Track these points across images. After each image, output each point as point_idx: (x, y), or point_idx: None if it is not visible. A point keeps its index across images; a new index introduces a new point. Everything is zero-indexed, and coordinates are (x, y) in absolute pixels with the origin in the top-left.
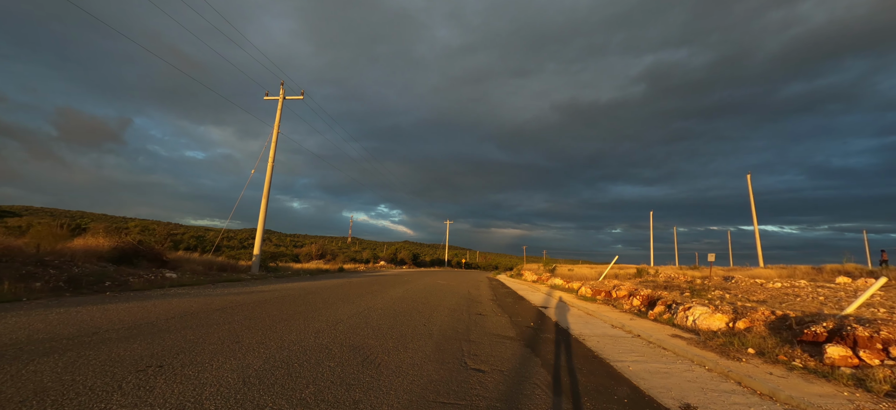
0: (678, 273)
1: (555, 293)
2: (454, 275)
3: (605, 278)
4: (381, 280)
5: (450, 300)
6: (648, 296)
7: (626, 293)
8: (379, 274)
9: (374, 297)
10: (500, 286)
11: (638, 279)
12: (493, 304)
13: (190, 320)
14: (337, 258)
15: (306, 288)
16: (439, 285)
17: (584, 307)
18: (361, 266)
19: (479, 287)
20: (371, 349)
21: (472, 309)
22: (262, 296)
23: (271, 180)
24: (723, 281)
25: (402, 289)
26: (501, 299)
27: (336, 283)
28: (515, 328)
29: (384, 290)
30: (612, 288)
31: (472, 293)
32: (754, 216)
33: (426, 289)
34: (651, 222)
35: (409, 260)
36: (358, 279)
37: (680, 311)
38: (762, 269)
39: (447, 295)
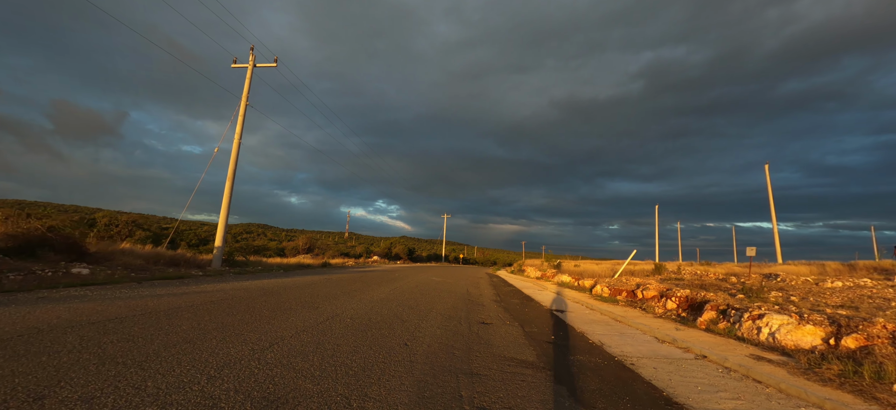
0: (703, 269)
1: (565, 293)
2: (451, 271)
3: (621, 275)
4: (367, 277)
5: (445, 301)
6: (688, 298)
7: (655, 294)
8: (367, 270)
9: (349, 299)
10: (502, 284)
11: (657, 276)
12: (497, 307)
13: None
14: (326, 252)
15: (265, 288)
16: (433, 282)
17: (606, 310)
18: (351, 261)
19: (480, 285)
20: (296, 404)
21: (473, 315)
22: (192, 300)
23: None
24: (766, 279)
25: (388, 288)
26: (506, 299)
27: (309, 281)
28: (533, 345)
29: (366, 289)
30: (635, 287)
31: (471, 293)
32: (772, 209)
33: (417, 288)
34: (656, 217)
35: (404, 255)
36: (340, 276)
37: (745, 320)
38: (791, 266)
39: (442, 296)
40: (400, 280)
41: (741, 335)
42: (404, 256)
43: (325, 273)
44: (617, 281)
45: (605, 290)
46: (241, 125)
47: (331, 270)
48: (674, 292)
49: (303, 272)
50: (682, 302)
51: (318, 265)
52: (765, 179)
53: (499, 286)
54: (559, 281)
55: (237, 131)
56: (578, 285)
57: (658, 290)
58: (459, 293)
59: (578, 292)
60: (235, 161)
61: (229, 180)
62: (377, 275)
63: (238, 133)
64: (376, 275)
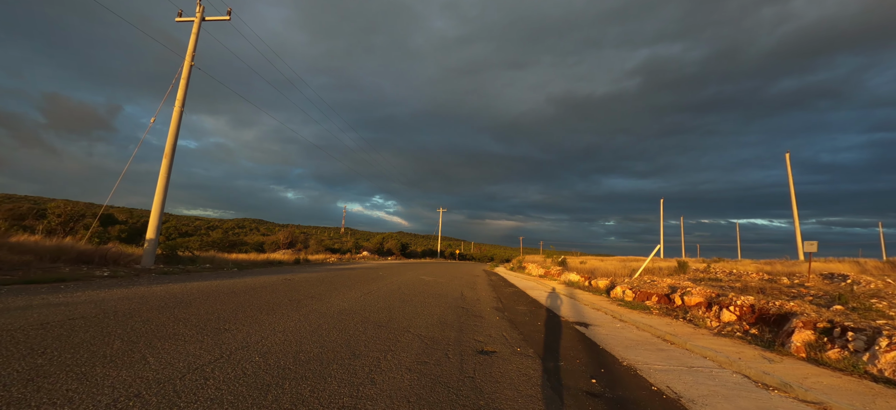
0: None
1: (579, 296)
2: (446, 268)
3: (642, 273)
4: (342, 277)
5: (430, 312)
6: (754, 307)
7: (701, 300)
8: (349, 267)
9: (292, 312)
10: (502, 284)
11: (684, 275)
12: (499, 320)
13: None
14: (309, 247)
15: (186, 296)
16: (422, 283)
17: (643, 323)
18: (333, 257)
19: (477, 286)
20: None
21: (467, 335)
22: (46, 316)
23: (178, 132)
24: (827, 281)
25: (359, 292)
26: (509, 305)
27: (259, 283)
28: (567, 399)
29: (327, 295)
30: (669, 291)
31: (466, 297)
32: (794, 202)
33: (399, 291)
34: (661, 213)
35: (397, 251)
36: (306, 276)
37: (884, 347)
38: (821, 263)
39: (428, 303)
40: (381, 280)
41: (879, 372)
42: (397, 251)
43: (290, 272)
44: (640, 282)
45: (627, 293)
46: (184, 90)
47: (303, 268)
48: (730, 298)
49: (264, 271)
50: (745, 313)
51: (291, 263)
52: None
53: (499, 286)
54: (567, 281)
55: (178, 97)
56: (592, 286)
57: (704, 295)
58: (452, 297)
59: (593, 294)
60: (176, 135)
61: (166, 157)
62: (356, 274)
63: (180, 99)
64: (355, 274)
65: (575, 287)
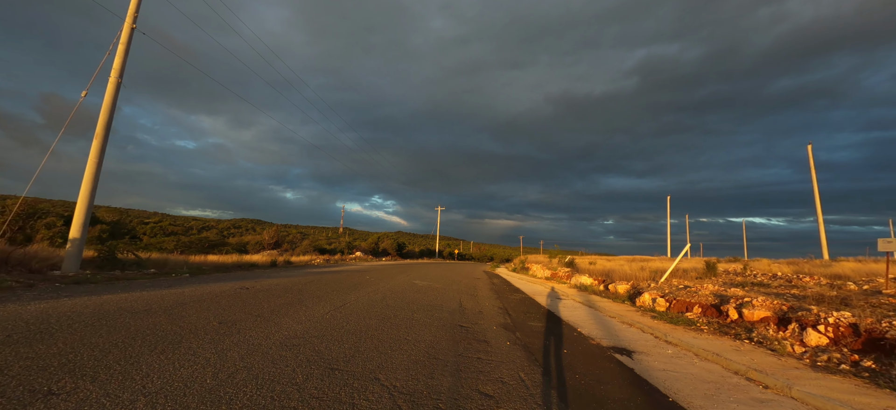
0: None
1: (600, 305)
2: (444, 269)
3: (669, 277)
4: (318, 284)
5: (418, 335)
6: (863, 328)
7: (769, 315)
8: (334, 271)
9: (215, 344)
10: (506, 288)
11: (715, 277)
12: (513, 348)
13: None
14: (297, 248)
15: (59, 321)
16: (414, 289)
17: (700, 347)
18: (320, 259)
19: (478, 291)
20: None
21: (468, 383)
22: None
23: (115, 108)
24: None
25: (327, 307)
26: (521, 321)
27: (201, 295)
28: None
29: (283, 313)
30: (723, 302)
31: (466, 308)
32: (817, 196)
33: (382, 303)
34: (668, 210)
35: (393, 250)
36: (277, 283)
37: None
38: (851, 263)
39: (417, 320)
40: (364, 287)
41: None
42: (393, 252)
43: (256, 278)
44: (670, 287)
45: (659, 301)
46: (124, 58)
47: (277, 272)
48: (814, 314)
49: (224, 278)
50: (842, 335)
51: (267, 265)
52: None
53: (503, 291)
54: (578, 284)
55: (115, 66)
56: (610, 291)
57: (772, 308)
58: (448, 309)
59: (614, 302)
60: (110, 112)
61: (98, 138)
62: (337, 279)
63: (116, 69)
64: (336, 279)
65: (589, 292)
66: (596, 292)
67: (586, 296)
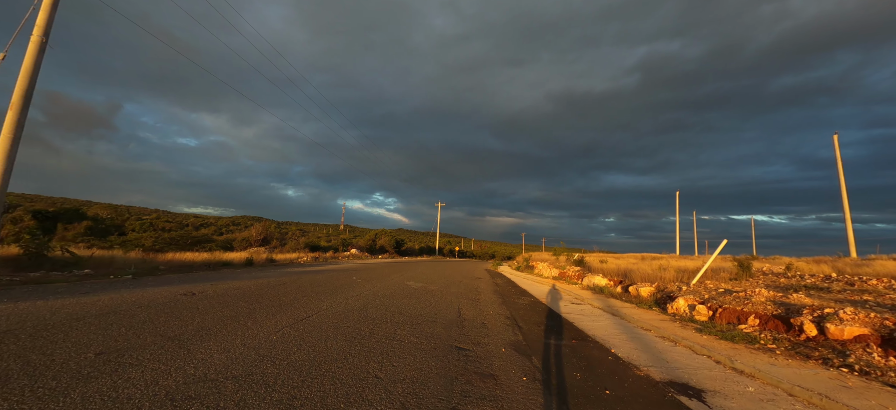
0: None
1: (625, 313)
2: (443, 268)
3: (702, 277)
4: (291, 287)
5: (397, 365)
6: None
7: (866, 333)
8: (318, 270)
9: (64, 395)
10: (511, 290)
11: (751, 278)
12: (531, 386)
13: None
14: (286, 245)
15: None
16: (406, 293)
17: (796, 383)
18: (306, 256)
19: (480, 295)
20: None
21: None
22: None
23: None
24: None
25: (287, 319)
26: (537, 338)
27: (126, 302)
28: None
29: (217, 331)
30: (791, 313)
31: (465, 319)
32: (844, 190)
33: (361, 314)
34: (677, 206)
35: (390, 248)
36: (242, 285)
37: None
38: (886, 261)
39: (400, 339)
40: (345, 291)
41: None
42: (391, 249)
43: (218, 280)
44: (706, 291)
45: (699, 310)
46: (49, 14)
47: (250, 272)
48: None
49: (181, 280)
50: None
51: (241, 264)
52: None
53: (508, 294)
54: (592, 286)
55: (39, 23)
56: (632, 295)
57: (869, 323)
58: (443, 320)
59: (639, 308)
60: (32, 76)
61: (14, 108)
62: (317, 280)
63: (40, 26)
64: (316, 280)
65: (607, 296)
66: (614, 295)
67: (605, 301)
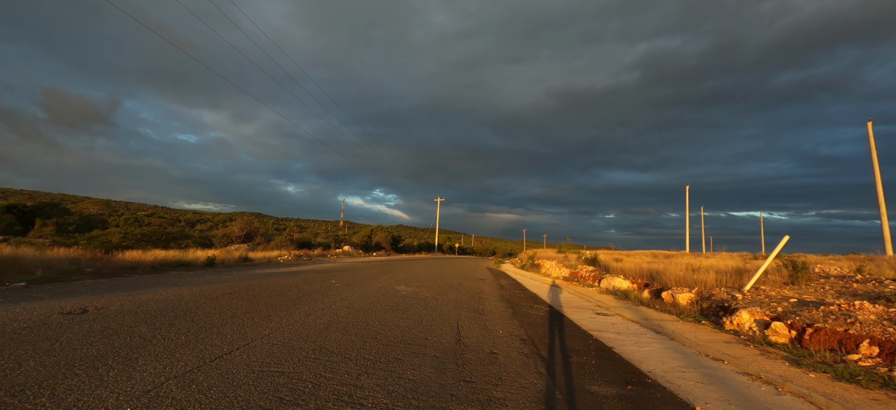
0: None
1: (670, 328)
2: (442, 266)
3: (758, 281)
4: (237, 298)
5: None
6: None
7: None
8: (294, 270)
9: None
10: (520, 295)
11: (810, 284)
12: None
13: None
14: (272, 242)
15: None
16: (391, 301)
17: None
18: (288, 254)
19: (484, 303)
20: None
21: None
22: None
23: None
24: None
25: (167, 371)
26: (581, 384)
27: None
28: None
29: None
30: None
31: (466, 345)
32: (878, 181)
33: (319, 341)
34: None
35: (387, 244)
36: (170, 294)
37: None
38: None
39: (361, 392)
40: (313, 302)
41: None
42: (387, 245)
43: (163, 286)
44: (771, 299)
45: (776, 327)
46: None
47: (207, 275)
48: None
49: (95, 289)
50: None
51: (201, 264)
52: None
53: (517, 301)
54: (612, 289)
55: None
56: (667, 302)
57: None
58: (433, 353)
59: (682, 321)
60: None
61: None
62: (287, 285)
63: None
64: (285, 285)
65: (634, 303)
66: (642, 301)
67: (636, 310)
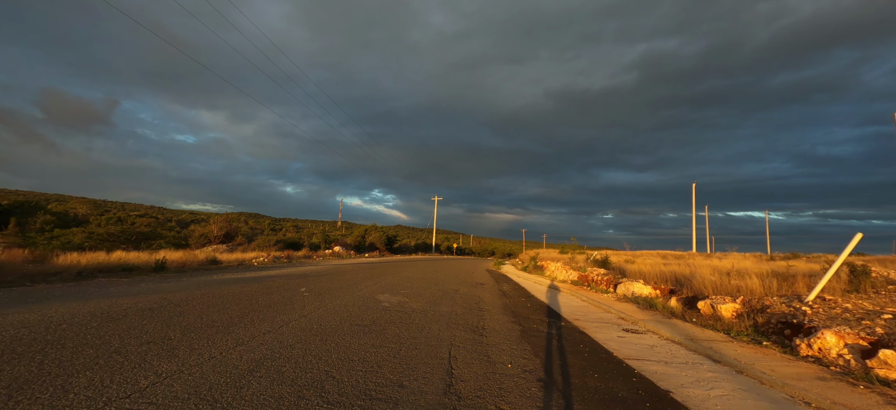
0: None
1: (731, 355)
2: (437, 268)
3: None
4: (160, 317)
5: None
6: None
7: None
8: (265, 275)
9: None
10: (530, 308)
11: (874, 294)
12: None
13: None
14: (254, 242)
15: None
16: (365, 318)
17: None
18: (265, 256)
19: (485, 325)
20: None
21: None
22: None
23: None
24: None
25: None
26: None
27: None
28: None
29: None
30: None
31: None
32: None
33: (234, 398)
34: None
35: (381, 245)
36: (64, 311)
37: None
38: None
39: None
40: (260, 322)
41: None
42: (382, 246)
43: (76, 298)
44: (851, 313)
45: (886, 357)
46: None
47: (148, 283)
48: None
49: None
50: None
51: (150, 269)
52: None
53: (525, 313)
54: (631, 296)
55: None
56: (708, 314)
57: None
58: None
59: (732, 340)
60: None
61: None
62: (240, 296)
63: None
64: (239, 295)
65: (663, 313)
66: (672, 312)
67: (671, 325)
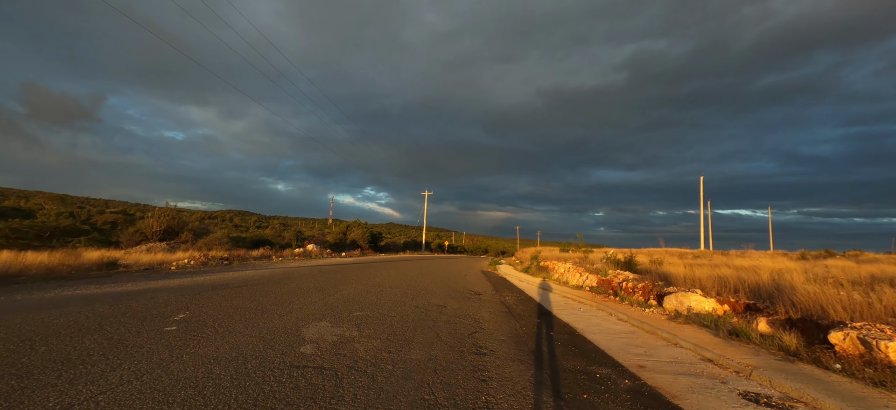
0: None
1: None
2: (423, 270)
3: None
4: None
5: None
6: None
7: None
8: (149, 287)
9: None
10: (559, 341)
11: None
12: None
13: None
14: (204, 239)
15: None
16: (269, 379)
17: None
18: (198, 256)
19: (487, 363)
20: None
21: None
22: None
23: None
24: None
25: None
26: None
27: None
28: None
29: None
30: None
31: None
32: None
33: None
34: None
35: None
36: None
37: None
38: None
39: None
40: None
41: None
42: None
43: None
44: None
45: None
46: None
47: None
48: None
49: None
50: None
51: (40, 277)
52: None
53: (554, 353)
54: (686, 313)
55: None
56: (867, 353)
57: None
58: None
59: None
60: None
61: None
62: (37, 337)
63: None
64: (33, 337)
65: (774, 351)
66: (786, 348)
67: (819, 382)
